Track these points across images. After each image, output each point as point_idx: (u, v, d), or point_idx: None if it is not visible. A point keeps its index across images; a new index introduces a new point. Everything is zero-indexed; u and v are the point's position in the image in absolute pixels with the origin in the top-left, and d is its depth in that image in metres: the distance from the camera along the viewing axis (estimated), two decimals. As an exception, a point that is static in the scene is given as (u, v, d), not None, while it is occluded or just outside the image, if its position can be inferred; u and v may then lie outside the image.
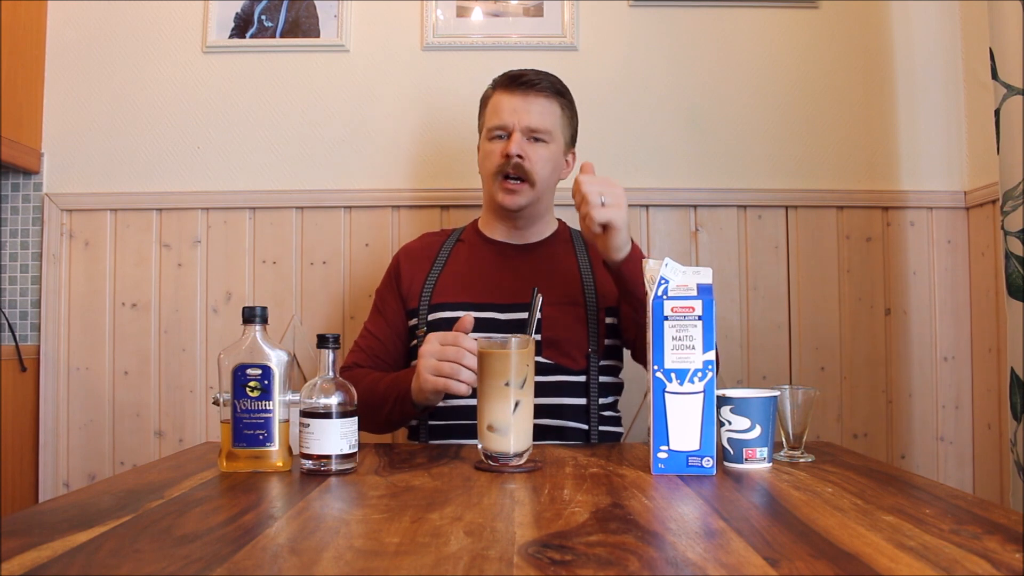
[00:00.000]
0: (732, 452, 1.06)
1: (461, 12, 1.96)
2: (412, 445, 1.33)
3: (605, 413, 1.44)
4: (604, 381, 1.44)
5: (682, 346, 1.01)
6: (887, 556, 0.65)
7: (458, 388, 1.17)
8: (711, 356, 1.01)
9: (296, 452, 1.04)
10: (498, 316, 1.42)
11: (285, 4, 1.95)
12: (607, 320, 1.45)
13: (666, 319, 1.01)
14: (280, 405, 1.03)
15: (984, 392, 1.86)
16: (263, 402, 1.02)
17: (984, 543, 0.69)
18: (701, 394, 1.01)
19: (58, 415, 1.91)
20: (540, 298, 1.17)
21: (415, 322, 1.46)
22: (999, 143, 1.53)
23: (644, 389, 1.76)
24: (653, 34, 1.96)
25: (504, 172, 1.45)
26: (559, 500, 0.86)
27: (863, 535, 0.72)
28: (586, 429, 1.40)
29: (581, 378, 1.41)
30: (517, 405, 1.04)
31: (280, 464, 1.03)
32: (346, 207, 1.94)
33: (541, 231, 1.54)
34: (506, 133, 1.45)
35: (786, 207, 1.94)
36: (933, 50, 1.96)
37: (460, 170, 1.92)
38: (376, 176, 1.95)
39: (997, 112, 1.53)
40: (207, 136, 1.95)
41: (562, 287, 1.44)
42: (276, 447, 1.03)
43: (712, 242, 1.93)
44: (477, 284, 1.47)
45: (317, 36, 1.95)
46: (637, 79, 1.95)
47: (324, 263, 1.93)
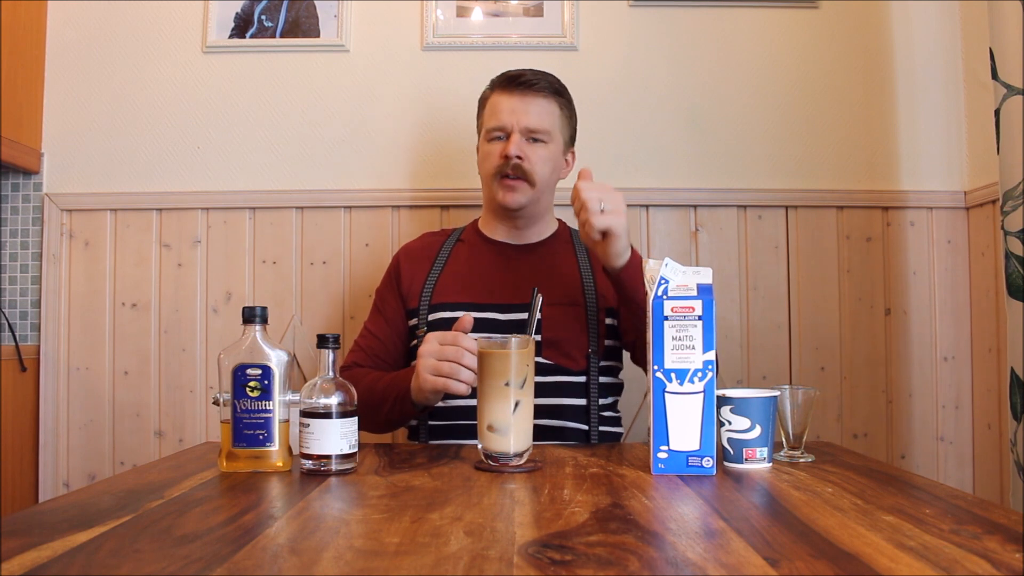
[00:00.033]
0: (732, 452, 1.06)
1: (461, 12, 1.96)
2: (412, 445, 1.33)
3: (605, 413, 1.44)
4: (604, 381, 1.44)
5: (682, 346, 1.01)
6: (887, 556, 0.65)
7: (457, 388, 1.17)
8: (711, 356, 1.01)
9: (296, 452, 1.04)
10: (498, 316, 1.42)
11: (285, 4, 1.95)
12: (607, 321, 1.45)
13: (666, 319, 1.01)
14: (280, 405, 1.03)
15: (984, 392, 1.86)
16: (263, 402, 1.02)
17: (984, 543, 0.69)
18: (701, 394, 1.01)
19: (58, 415, 1.91)
20: (540, 298, 1.17)
21: (415, 322, 1.46)
22: (999, 143, 1.53)
23: (644, 389, 1.76)
24: (653, 34, 1.96)
25: (503, 173, 1.45)
26: (559, 500, 0.86)
27: (863, 535, 0.72)
28: (586, 429, 1.40)
29: (581, 378, 1.41)
30: (517, 405, 1.04)
31: (280, 464, 1.03)
32: (346, 207, 1.94)
33: (541, 231, 1.54)
34: (505, 134, 1.45)
35: (786, 207, 1.94)
36: (933, 50, 1.96)
37: (460, 170, 1.92)
38: (376, 176, 1.95)
39: (997, 112, 1.53)
40: (207, 136, 1.95)
41: (562, 287, 1.44)
42: (276, 447, 1.03)
43: (712, 242, 1.93)
44: (477, 284, 1.47)
45: (317, 36, 1.95)
46: (637, 79, 1.95)
47: (324, 263, 1.93)
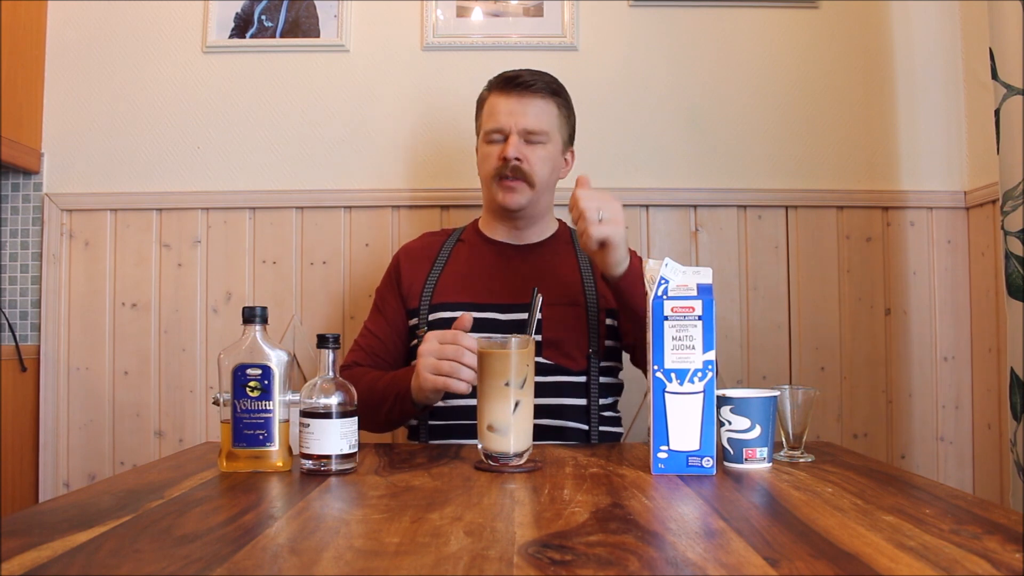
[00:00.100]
0: (732, 452, 1.06)
1: (461, 12, 1.96)
2: (412, 445, 1.33)
3: (605, 413, 1.44)
4: (604, 381, 1.44)
5: (682, 346, 1.01)
6: (887, 556, 0.65)
7: (458, 387, 1.17)
8: (711, 356, 1.01)
9: (296, 452, 1.04)
10: (498, 316, 1.42)
11: (285, 4, 1.95)
12: (607, 321, 1.45)
13: (666, 319, 1.01)
14: (280, 405, 1.03)
15: (984, 392, 1.86)
16: (263, 402, 1.02)
17: (984, 543, 0.69)
18: (701, 394, 1.01)
19: (58, 415, 1.91)
20: (540, 298, 1.17)
21: (415, 322, 1.46)
22: (999, 143, 1.53)
23: (644, 389, 1.76)
24: (653, 34, 1.96)
25: (502, 175, 1.44)
26: (559, 500, 0.86)
27: (863, 535, 0.72)
28: (586, 429, 1.40)
29: (581, 379, 1.41)
30: (517, 405, 1.04)
31: (280, 464, 1.03)
32: (346, 207, 1.94)
33: (541, 232, 1.54)
34: (503, 136, 1.44)
35: (786, 207, 1.94)
36: (933, 50, 1.96)
37: (460, 170, 1.92)
38: (376, 176, 1.95)
39: (997, 112, 1.53)
40: (207, 136, 1.95)
41: (563, 288, 1.44)
42: (276, 447, 1.03)
43: (712, 242, 1.93)
44: (478, 284, 1.47)
45: (317, 36, 1.95)
46: (637, 79, 1.95)
47: (324, 263, 1.93)
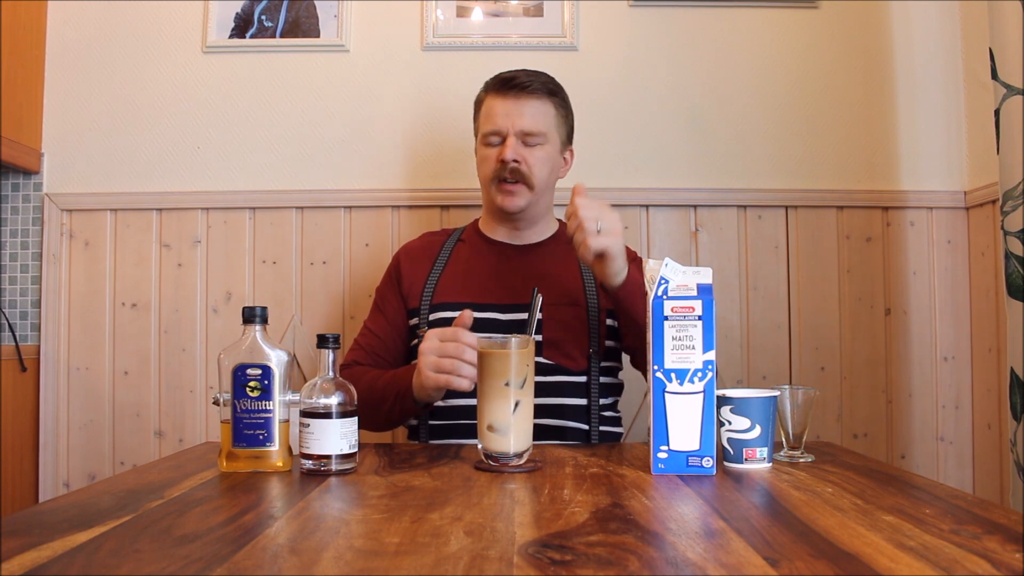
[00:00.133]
0: (732, 452, 1.06)
1: (461, 12, 1.96)
2: (412, 445, 1.33)
3: (605, 413, 1.44)
4: (604, 381, 1.44)
5: (682, 346, 1.01)
6: (887, 556, 0.65)
7: (459, 384, 1.16)
8: (711, 356, 1.01)
9: (296, 452, 1.04)
10: (499, 316, 1.42)
11: (285, 4, 1.95)
12: (608, 322, 1.45)
13: (666, 319, 1.01)
14: (280, 405, 1.03)
15: (984, 392, 1.86)
16: (263, 402, 1.02)
17: (984, 543, 0.69)
18: (701, 394, 1.01)
19: (58, 415, 1.91)
20: (540, 298, 1.17)
21: (416, 321, 1.46)
22: (999, 143, 1.53)
23: (644, 389, 1.76)
24: (653, 34, 1.96)
25: (501, 177, 1.44)
26: (559, 500, 0.86)
27: (863, 535, 0.72)
28: (586, 429, 1.40)
29: (582, 378, 1.41)
30: (517, 405, 1.04)
31: (280, 464, 1.03)
32: (346, 207, 1.94)
33: (542, 232, 1.54)
34: (500, 138, 1.44)
35: (786, 207, 1.94)
36: (933, 50, 1.96)
37: (460, 170, 1.92)
38: (376, 176, 1.95)
39: (997, 112, 1.53)
40: (207, 136, 1.95)
41: (563, 288, 1.44)
42: (276, 447, 1.03)
43: (712, 242, 1.93)
44: (478, 284, 1.46)
45: (317, 36, 1.95)
46: (637, 79, 1.95)
47: (324, 263, 1.93)
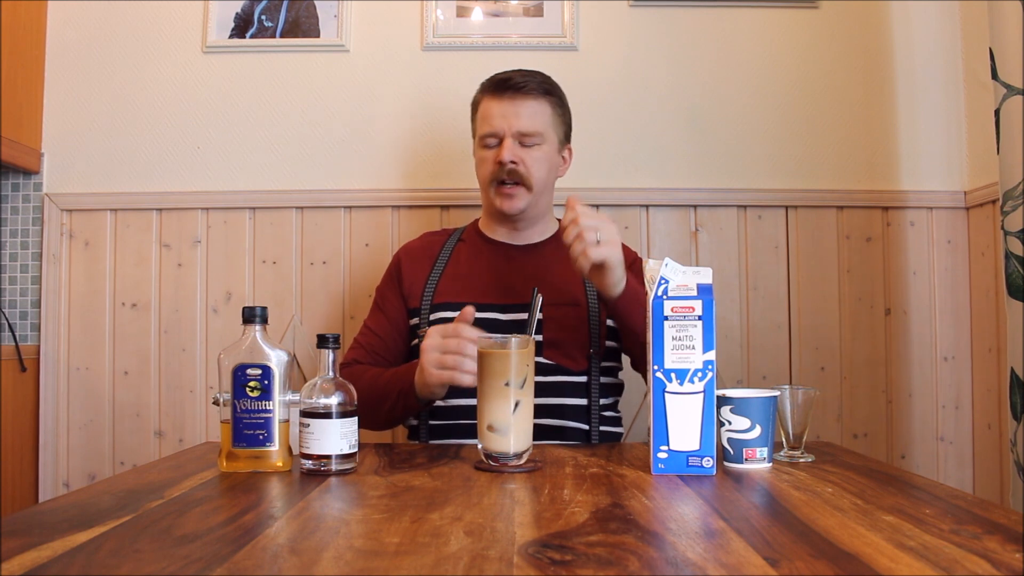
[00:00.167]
0: (732, 452, 1.06)
1: (461, 12, 1.96)
2: (412, 445, 1.33)
3: (606, 413, 1.44)
4: (605, 382, 1.44)
5: (682, 346, 1.01)
6: (887, 556, 0.65)
7: (462, 380, 1.16)
8: (711, 356, 1.01)
9: (296, 452, 1.04)
10: (499, 316, 1.42)
11: (285, 4, 1.95)
12: (608, 322, 1.45)
13: (666, 319, 1.01)
14: (280, 405, 1.03)
15: (984, 392, 1.86)
16: (263, 402, 1.02)
17: (984, 543, 0.69)
18: (701, 394, 1.01)
19: (58, 415, 1.91)
20: (540, 298, 1.17)
21: (416, 321, 1.46)
22: (999, 143, 1.53)
23: (644, 389, 1.76)
24: (653, 34, 1.96)
25: (499, 179, 1.44)
26: (559, 500, 0.86)
27: (863, 535, 0.72)
28: (587, 429, 1.40)
29: (582, 379, 1.41)
30: (517, 405, 1.04)
31: (280, 464, 1.03)
32: (346, 207, 1.94)
33: (542, 232, 1.54)
34: (497, 139, 1.44)
35: (786, 207, 1.94)
36: (933, 50, 1.96)
37: (460, 170, 1.92)
38: (376, 176, 1.95)
39: (997, 112, 1.53)
40: (207, 136, 1.95)
41: (563, 288, 1.44)
42: (276, 447, 1.03)
43: (712, 242, 1.93)
44: (478, 284, 1.46)
45: (317, 36, 1.95)
46: (637, 79, 1.95)
47: (324, 263, 1.93)
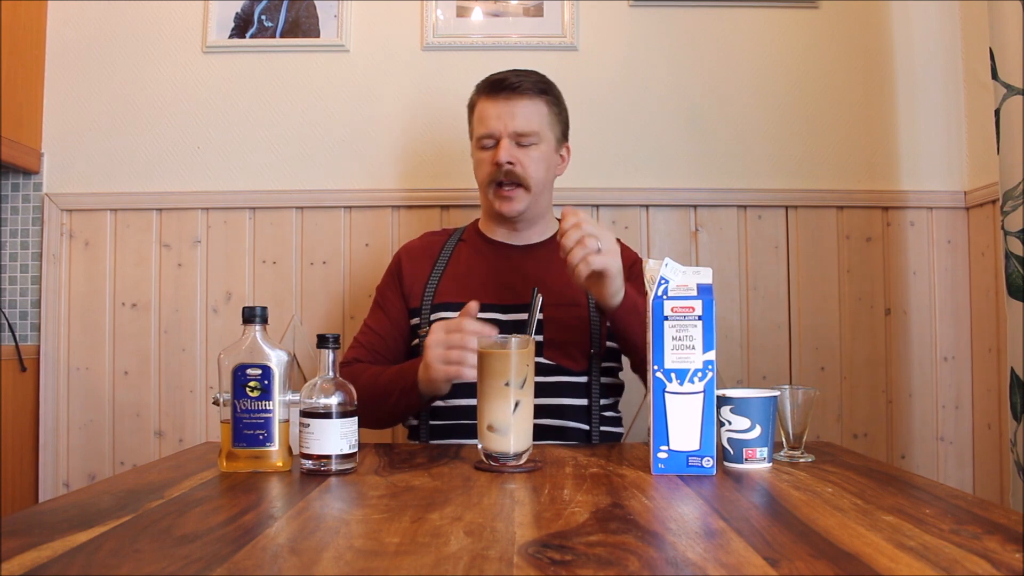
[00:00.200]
0: (732, 452, 1.06)
1: (461, 12, 1.96)
2: (412, 445, 1.33)
3: (606, 413, 1.44)
4: (605, 382, 1.44)
5: (682, 346, 1.01)
6: (887, 556, 0.65)
7: (468, 374, 1.16)
8: (711, 356, 1.01)
9: (296, 452, 1.04)
10: (500, 317, 1.42)
11: (285, 4, 1.95)
12: (608, 323, 1.45)
13: (666, 319, 1.01)
14: (280, 405, 1.03)
15: (984, 392, 1.86)
16: (263, 402, 1.02)
17: (984, 543, 0.69)
18: (701, 394, 1.01)
19: (58, 415, 1.91)
20: (540, 298, 1.17)
21: (417, 321, 1.46)
22: (999, 143, 1.53)
23: (644, 389, 1.76)
24: (653, 34, 1.96)
25: (497, 180, 1.44)
26: (559, 500, 0.86)
27: (863, 535, 0.72)
28: (587, 429, 1.40)
29: (582, 379, 1.41)
30: (517, 405, 1.04)
31: (280, 464, 1.03)
32: (346, 207, 1.94)
33: (542, 232, 1.54)
34: (494, 141, 1.43)
35: (786, 207, 1.94)
36: (933, 50, 1.96)
37: (460, 170, 1.92)
38: (376, 176, 1.95)
39: (997, 112, 1.53)
40: (207, 136, 1.95)
41: (564, 288, 1.44)
42: (276, 447, 1.03)
43: (712, 242, 1.93)
44: (479, 285, 1.46)
45: (317, 36, 1.95)
46: (637, 79, 1.95)
47: (324, 263, 1.93)
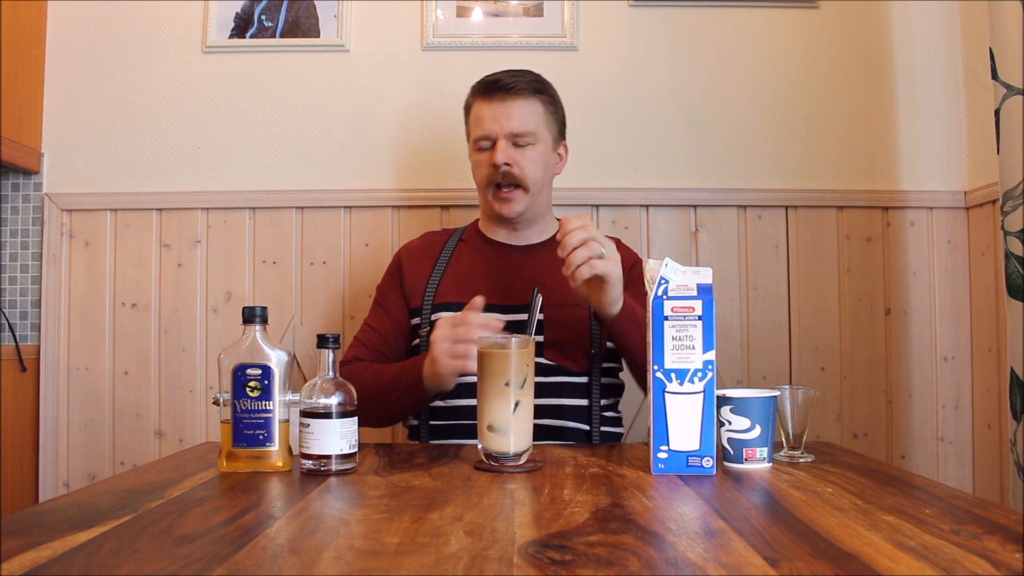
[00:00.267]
0: (732, 452, 1.06)
1: (461, 12, 1.96)
2: (412, 445, 1.33)
3: (606, 414, 1.44)
4: (605, 382, 1.44)
5: (682, 346, 1.01)
6: (887, 556, 0.65)
7: (474, 367, 1.15)
8: (711, 356, 1.01)
9: (296, 452, 1.04)
10: (500, 317, 1.42)
11: (285, 4, 1.95)
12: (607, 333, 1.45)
13: (666, 319, 1.01)
14: (280, 405, 1.03)
15: (984, 392, 1.86)
16: (263, 402, 1.02)
17: (984, 543, 0.69)
18: (701, 394, 1.01)
19: (58, 415, 1.91)
20: (540, 298, 1.17)
21: (418, 321, 1.46)
22: (999, 143, 1.53)
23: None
24: (653, 34, 1.96)
25: (495, 182, 1.44)
26: (559, 500, 0.86)
27: (863, 535, 0.72)
28: (587, 430, 1.40)
29: (583, 379, 1.41)
30: (517, 405, 1.04)
31: (280, 464, 1.03)
32: (346, 207, 1.94)
33: (542, 232, 1.54)
34: (491, 142, 1.43)
35: (786, 207, 1.94)
36: (933, 50, 1.96)
37: (460, 170, 1.91)
38: (376, 176, 1.95)
39: (997, 112, 1.53)
40: (207, 136, 1.95)
41: (564, 289, 1.43)
42: (276, 447, 1.03)
43: (712, 242, 1.93)
44: (480, 285, 1.46)
45: (317, 36, 1.95)
46: (637, 79, 1.95)
47: (324, 263, 1.93)
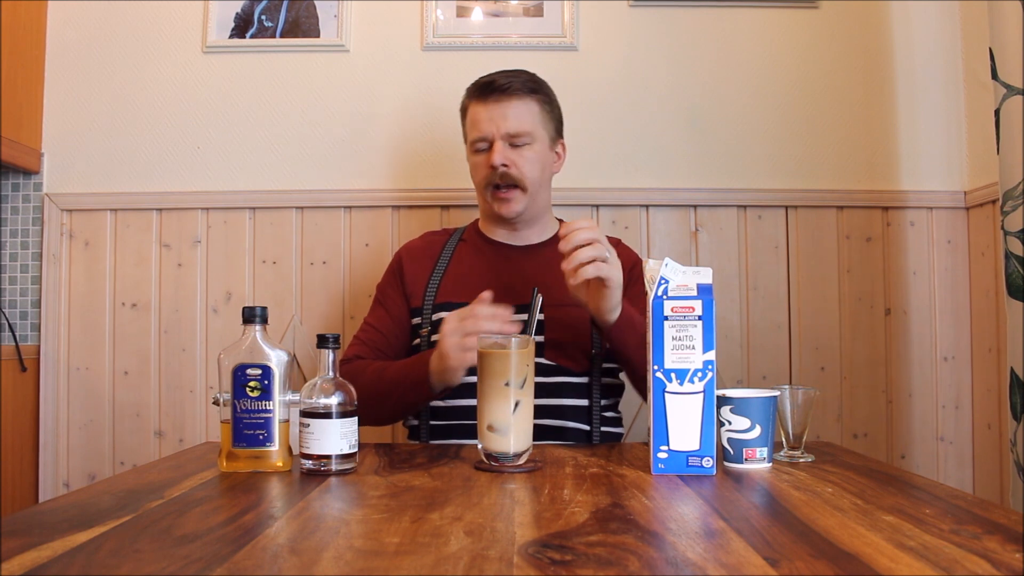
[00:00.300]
0: (732, 452, 1.06)
1: (461, 12, 1.96)
2: (412, 445, 1.33)
3: (606, 414, 1.44)
4: (605, 382, 1.44)
5: (682, 346, 1.01)
6: (887, 556, 0.65)
7: None
8: (711, 356, 1.01)
9: (296, 452, 1.04)
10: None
11: (285, 4, 1.95)
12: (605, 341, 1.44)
13: (666, 319, 1.01)
14: (280, 405, 1.03)
15: (984, 392, 1.86)
16: (263, 402, 1.02)
17: (984, 543, 0.69)
18: (701, 394, 1.01)
19: (58, 415, 1.91)
20: (540, 298, 1.17)
21: (418, 321, 1.46)
22: (999, 143, 1.53)
23: (644, 389, 1.76)
24: (653, 34, 1.96)
25: (493, 183, 1.44)
26: (559, 500, 0.86)
27: (863, 535, 0.72)
28: (587, 430, 1.40)
29: (583, 379, 1.41)
30: (517, 405, 1.04)
31: (280, 464, 1.03)
32: (346, 207, 1.94)
33: (542, 232, 1.54)
34: (487, 143, 1.43)
35: (786, 207, 1.94)
36: (933, 50, 1.96)
37: (460, 170, 1.91)
38: (376, 176, 1.95)
39: (997, 112, 1.53)
40: (207, 136, 1.95)
41: (565, 289, 1.43)
42: (276, 447, 1.03)
43: (712, 242, 1.93)
44: (480, 285, 1.45)
45: (317, 36, 1.95)
46: (637, 79, 1.95)
47: (324, 263, 1.93)
